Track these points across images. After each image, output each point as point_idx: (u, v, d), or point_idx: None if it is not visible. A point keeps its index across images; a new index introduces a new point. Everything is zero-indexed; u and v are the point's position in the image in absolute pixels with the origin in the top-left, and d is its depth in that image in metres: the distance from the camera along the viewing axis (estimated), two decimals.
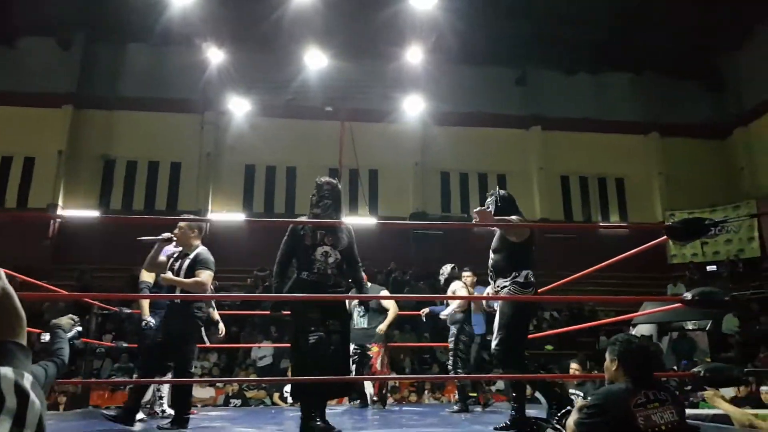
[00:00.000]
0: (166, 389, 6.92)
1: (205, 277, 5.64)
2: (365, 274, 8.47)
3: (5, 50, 22.30)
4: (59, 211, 21.03)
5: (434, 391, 13.56)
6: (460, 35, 19.13)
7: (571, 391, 8.56)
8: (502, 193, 5.53)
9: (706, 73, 24.91)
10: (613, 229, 24.84)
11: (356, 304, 8.14)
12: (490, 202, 5.47)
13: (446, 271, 8.46)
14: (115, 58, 23.00)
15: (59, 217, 22.85)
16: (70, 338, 3.19)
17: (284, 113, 22.51)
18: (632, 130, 24.62)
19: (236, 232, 19.27)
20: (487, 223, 5.14)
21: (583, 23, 21.74)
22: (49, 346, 2.98)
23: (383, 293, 8.72)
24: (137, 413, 5.84)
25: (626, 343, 3.58)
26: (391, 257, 19.80)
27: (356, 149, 20.12)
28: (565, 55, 23.82)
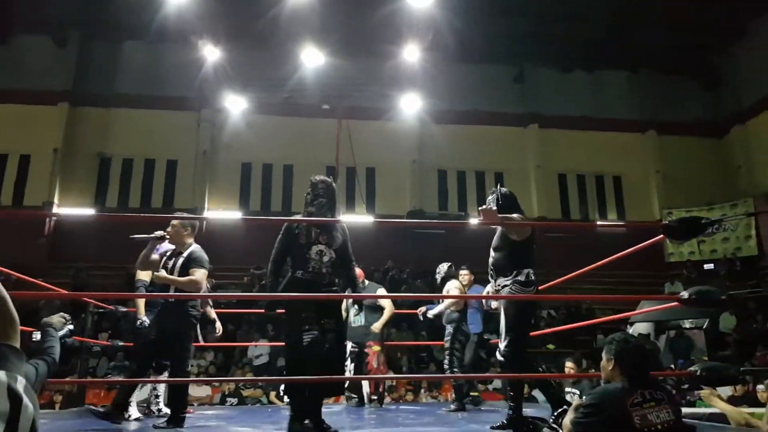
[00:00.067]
0: (162, 388, 6.90)
1: (199, 275, 5.62)
2: (362, 271, 8.53)
3: (1, 48, 22.26)
4: (55, 208, 20.99)
5: (431, 389, 13.55)
6: (456, 33, 19.13)
7: (567, 389, 8.57)
8: (503, 190, 5.51)
9: (703, 71, 24.92)
10: (610, 227, 24.84)
11: (351, 302, 8.12)
12: (491, 199, 5.44)
13: (443, 269, 8.43)
14: (111, 55, 22.95)
15: (55, 215, 22.81)
16: (61, 336, 3.18)
17: (281, 111, 22.48)
18: (629, 128, 24.64)
19: (233, 230, 19.26)
20: (491, 221, 5.12)
21: (580, 21, 21.75)
22: (40, 344, 2.96)
23: (380, 291, 8.68)
24: (126, 409, 5.82)
25: (623, 342, 3.57)
26: (388, 255, 19.80)
27: (353, 147, 20.07)
28: (562, 52, 23.81)
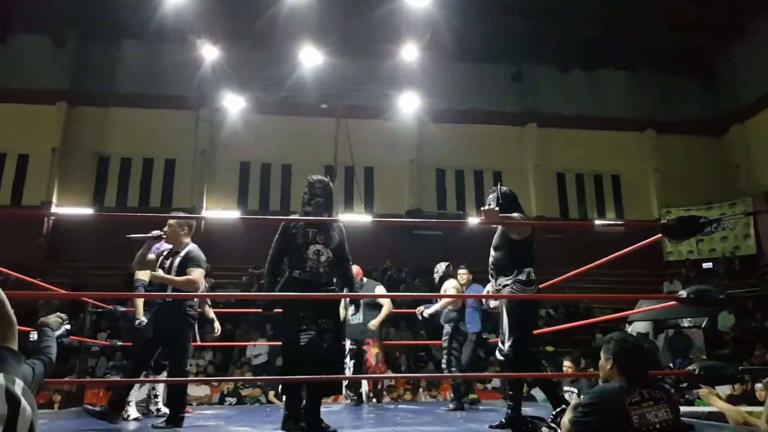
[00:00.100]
0: (161, 388, 6.90)
1: (196, 274, 5.62)
2: (360, 269, 8.56)
3: None
4: (53, 208, 20.96)
5: (430, 389, 13.54)
6: (455, 32, 19.11)
7: (565, 388, 8.57)
8: (503, 189, 5.49)
9: (701, 70, 24.93)
10: (609, 227, 24.82)
11: (348, 302, 8.13)
12: (491, 198, 5.43)
13: (441, 269, 8.42)
14: (109, 54, 22.92)
15: (53, 214, 22.81)
16: (58, 336, 3.18)
17: (279, 110, 22.47)
18: (628, 127, 24.62)
19: (231, 229, 19.24)
20: (493, 222, 5.11)
21: (578, 20, 21.75)
22: (36, 344, 2.96)
23: (378, 288, 8.68)
24: (123, 408, 5.81)
25: (621, 342, 3.58)
26: (386, 255, 19.79)
27: (352, 146, 20.05)
28: (560, 52, 23.82)
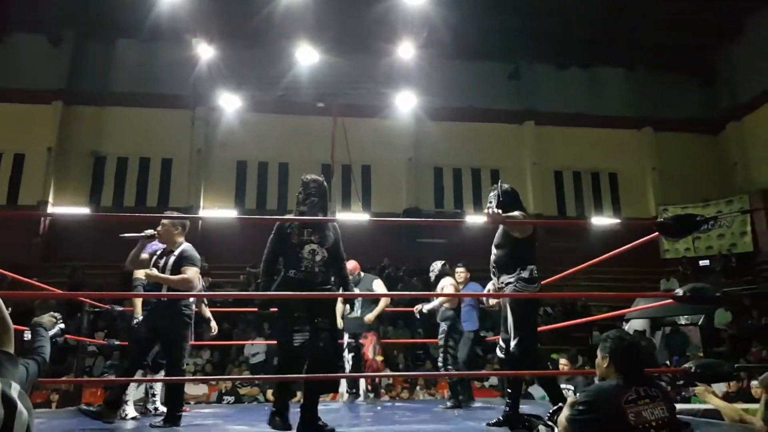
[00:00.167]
0: (158, 387, 6.89)
1: (191, 273, 5.61)
2: (357, 264, 8.60)
3: None
4: (50, 208, 20.92)
5: (428, 387, 13.53)
6: (451, 30, 19.10)
7: (561, 386, 8.59)
8: (504, 187, 5.46)
9: (698, 68, 24.95)
10: (606, 226, 24.84)
11: (344, 301, 8.14)
12: (492, 196, 5.40)
13: (437, 267, 8.43)
14: (105, 54, 22.92)
15: (49, 214, 22.78)
16: (52, 336, 3.18)
17: (275, 109, 22.45)
18: (625, 125, 24.66)
19: (228, 228, 19.23)
20: (497, 223, 5.10)
21: (575, 17, 21.73)
22: (30, 344, 2.96)
23: (376, 283, 8.69)
24: (119, 407, 5.80)
25: (617, 340, 3.58)
26: (384, 253, 19.79)
27: (349, 145, 20.04)
28: (557, 49, 23.80)
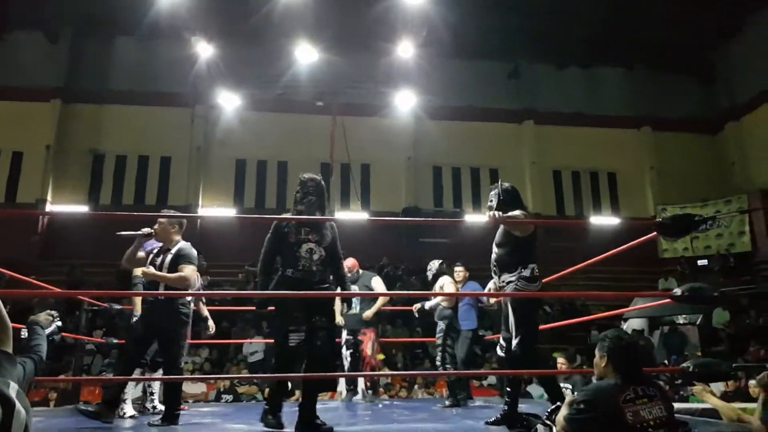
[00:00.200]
0: (156, 385, 6.90)
1: (188, 271, 5.61)
2: (356, 261, 8.61)
3: None
4: (48, 206, 20.95)
5: (428, 386, 13.54)
6: (451, 29, 19.09)
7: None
8: (505, 185, 5.44)
9: (697, 67, 24.96)
10: (604, 225, 24.85)
11: (341, 300, 8.15)
12: (493, 195, 5.39)
13: (434, 266, 8.44)
14: (103, 51, 22.89)
15: (48, 213, 22.78)
16: (49, 334, 3.18)
17: (275, 107, 22.44)
18: (624, 124, 24.67)
19: (227, 226, 19.25)
20: (499, 223, 5.10)
21: (574, 17, 21.71)
22: (26, 342, 2.96)
23: (374, 280, 8.69)
24: (117, 406, 5.79)
25: (615, 339, 3.59)
26: (383, 252, 19.79)
27: (348, 144, 20.04)
28: (557, 49, 23.78)
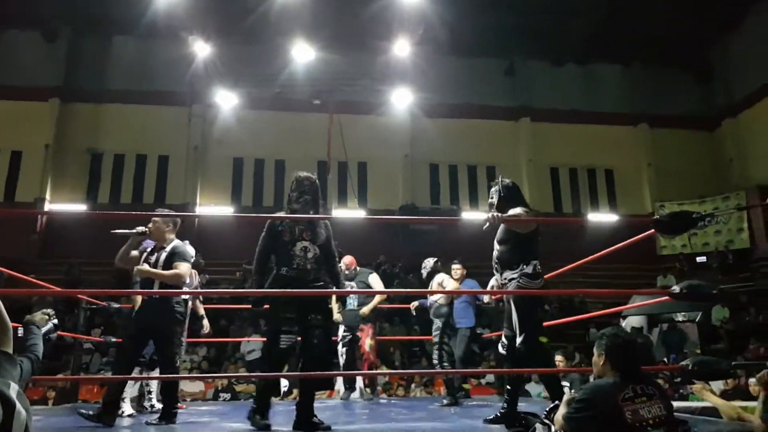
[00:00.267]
0: (154, 384, 6.89)
1: (183, 268, 5.62)
2: (353, 259, 8.63)
3: None
4: (47, 205, 20.94)
5: (427, 385, 13.53)
6: (447, 27, 19.09)
7: None
8: (505, 182, 5.42)
9: (695, 64, 24.98)
10: (602, 222, 24.86)
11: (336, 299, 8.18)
12: (493, 192, 5.38)
13: (429, 264, 8.43)
14: (101, 51, 22.86)
15: (46, 212, 22.77)
16: (45, 333, 3.17)
17: (272, 106, 22.44)
18: (621, 121, 24.68)
19: (225, 225, 19.22)
20: (498, 221, 5.08)
21: (571, 14, 21.69)
22: (22, 342, 2.95)
23: (372, 277, 8.70)
24: (117, 408, 5.76)
25: (613, 337, 3.58)
26: (380, 250, 19.78)
27: (345, 142, 20.07)
28: (553, 46, 23.79)
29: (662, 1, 20.63)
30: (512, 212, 5.16)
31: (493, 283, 5.66)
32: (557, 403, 3.77)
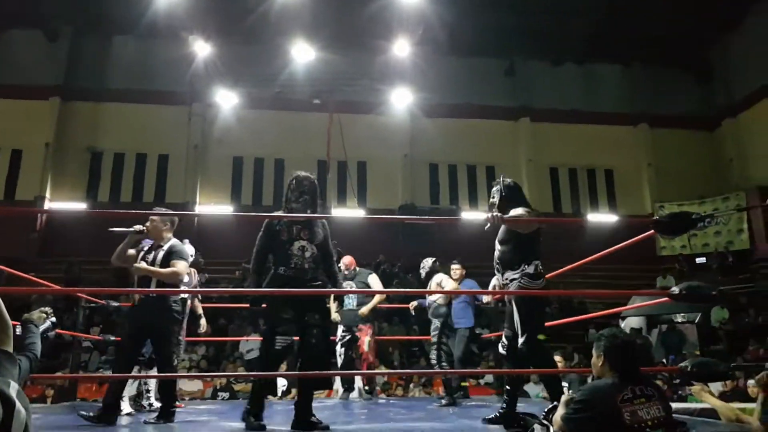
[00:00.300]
0: (153, 383, 6.89)
1: (180, 267, 5.63)
2: (353, 259, 8.63)
3: None
4: (47, 203, 20.96)
5: (426, 385, 13.52)
6: (447, 26, 19.09)
7: None
8: (507, 182, 5.40)
9: (695, 64, 24.97)
10: (601, 223, 24.85)
11: (333, 298, 8.17)
12: (495, 191, 5.36)
13: (427, 264, 8.43)
14: (102, 50, 22.87)
15: (46, 210, 22.77)
16: (43, 331, 3.17)
17: (272, 105, 22.45)
18: (621, 121, 24.67)
19: (224, 224, 19.21)
20: (498, 222, 5.07)
21: (570, 14, 21.68)
22: (20, 340, 2.95)
23: (371, 277, 8.70)
24: (118, 409, 5.75)
25: (612, 338, 3.58)
26: (379, 249, 19.77)
27: (344, 141, 20.07)
28: (553, 45, 23.77)
29: (662, 1, 20.62)
30: (514, 212, 5.14)
31: (494, 282, 5.64)
32: (556, 403, 3.77)
